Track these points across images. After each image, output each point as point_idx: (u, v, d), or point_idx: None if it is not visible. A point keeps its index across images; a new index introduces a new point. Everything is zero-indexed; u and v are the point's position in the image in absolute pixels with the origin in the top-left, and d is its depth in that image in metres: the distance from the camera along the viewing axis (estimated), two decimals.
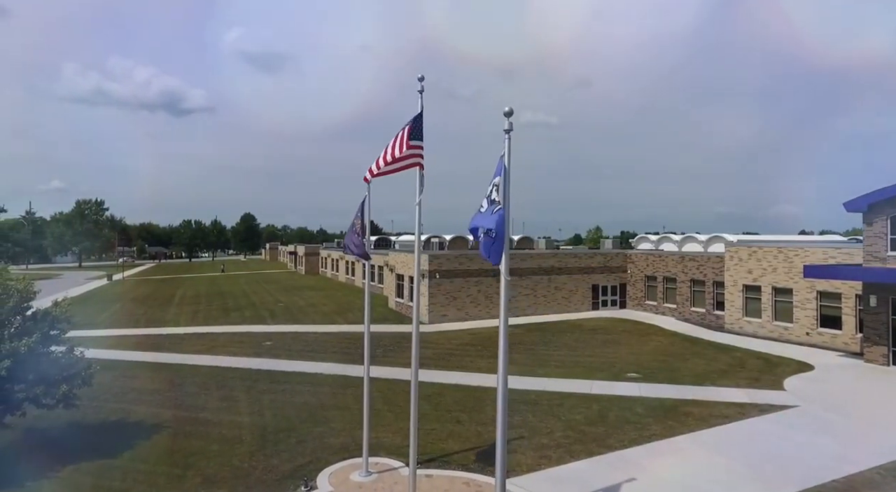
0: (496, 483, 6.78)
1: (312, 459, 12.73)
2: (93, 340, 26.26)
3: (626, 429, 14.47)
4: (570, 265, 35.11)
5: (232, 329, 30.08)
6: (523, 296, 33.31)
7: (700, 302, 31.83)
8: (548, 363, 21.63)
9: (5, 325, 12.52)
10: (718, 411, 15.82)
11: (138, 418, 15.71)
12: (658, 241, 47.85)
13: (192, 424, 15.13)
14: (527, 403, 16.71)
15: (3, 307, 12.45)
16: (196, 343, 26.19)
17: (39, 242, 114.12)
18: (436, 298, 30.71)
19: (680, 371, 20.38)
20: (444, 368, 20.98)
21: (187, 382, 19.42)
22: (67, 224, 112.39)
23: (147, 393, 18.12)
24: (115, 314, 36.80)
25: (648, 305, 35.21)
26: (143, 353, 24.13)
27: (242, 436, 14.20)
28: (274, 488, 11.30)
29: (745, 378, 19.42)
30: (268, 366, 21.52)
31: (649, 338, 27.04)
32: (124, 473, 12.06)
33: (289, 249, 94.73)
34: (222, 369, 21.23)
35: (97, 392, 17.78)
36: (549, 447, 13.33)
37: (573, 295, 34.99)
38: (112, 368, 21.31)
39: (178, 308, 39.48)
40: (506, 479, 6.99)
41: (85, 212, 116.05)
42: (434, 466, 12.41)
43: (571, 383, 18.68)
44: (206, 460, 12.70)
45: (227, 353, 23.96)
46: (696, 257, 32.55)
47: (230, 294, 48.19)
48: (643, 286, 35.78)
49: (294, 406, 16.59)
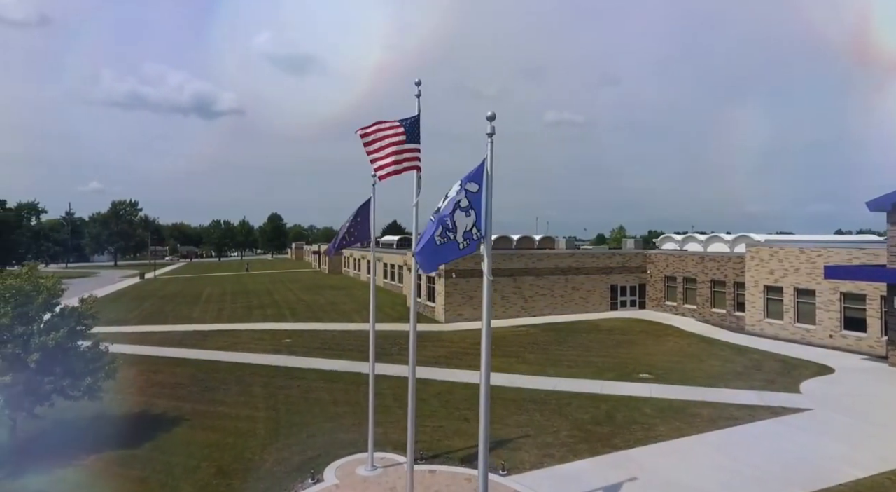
0: (479, 477, 7.00)
1: (321, 453, 13.15)
2: (122, 336, 27.42)
3: (633, 429, 14.49)
4: (587, 265, 34.93)
5: (254, 327, 30.92)
6: (540, 296, 33.31)
7: (720, 303, 31.31)
8: (560, 363, 21.68)
9: (34, 320, 13.29)
10: (728, 412, 15.67)
11: (160, 410, 16.41)
12: (683, 240, 47.10)
13: (209, 417, 15.76)
14: (535, 402, 16.85)
15: (33, 304, 13.22)
16: (219, 340, 27.04)
17: (78, 242, 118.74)
18: (452, 297, 30.99)
19: (693, 372, 20.18)
20: (456, 366, 21.24)
21: (208, 377, 20.14)
22: (104, 224, 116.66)
23: (169, 387, 18.87)
24: (144, 311, 38.16)
25: (668, 305, 34.78)
26: (167, 348, 25.05)
27: (256, 429, 14.74)
28: (283, 480, 11.74)
29: (760, 380, 19.14)
30: (285, 362, 22.13)
31: (665, 339, 26.77)
32: (144, 462, 12.68)
33: (313, 249, 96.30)
34: (242, 365, 21.92)
35: (123, 386, 18.64)
36: (553, 446, 13.46)
37: (591, 295, 34.80)
38: (138, 362, 22.26)
39: (204, 306, 40.70)
40: (487, 473, 7.18)
41: (120, 212, 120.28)
42: (438, 462, 12.70)
43: (581, 383, 18.72)
44: (220, 451, 13.24)
45: (248, 349, 24.69)
46: (716, 258, 32.02)
47: (254, 293, 49.39)
48: (663, 287, 35.36)
49: (307, 402, 17.08)
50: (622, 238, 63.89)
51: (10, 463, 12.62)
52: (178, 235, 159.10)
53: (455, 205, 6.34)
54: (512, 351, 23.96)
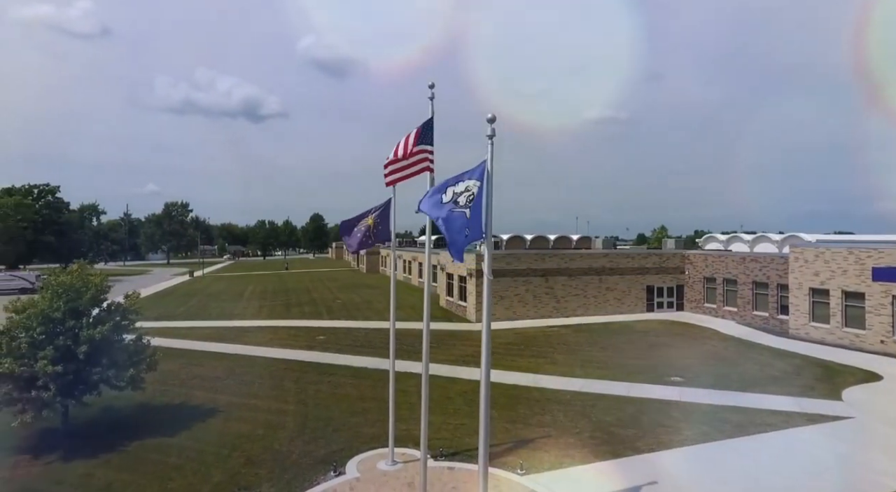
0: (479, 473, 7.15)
1: (345, 446, 13.56)
2: (170, 331, 28.92)
3: (658, 433, 14.25)
4: (622, 265, 34.28)
5: (291, 323, 31.93)
6: (573, 296, 32.95)
7: (763, 305, 30.14)
8: (588, 364, 21.46)
9: (83, 315, 14.27)
10: (760, 418, 15.18)
11: (198, 402, 17.26)
12: (727, 240, 45.55)
13: (242, 409, 16.47)
14: (560, 402, 16.79)
15: (82, 299, 14.19)
16: (257, 336, 28.08)
17: (134, 241, 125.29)
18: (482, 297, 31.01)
19: (727, 377, 19.58)
20: None
21: (244, 371, 21.00)
22: (157, 224, 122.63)
23: (208, 380, 19.79)
24: (191, 308, 39.97)
25: (707, 307, 33.72)
26: (209, 343, 26.20)
27: (286, 422, 15.32)
28: (307, 471, 12.20)
29: (799, 386, 18.39)
30: (318, 359, 22.80)
31: (702, 342, 26.02)
32: (179, 450, 13.42)
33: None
34: (277, 360, 22.73)
35: (166, 378, 19.71)
36: (574, 447, 13.42)
37: (626, 296, 34.14)
38: (181, 356, 23.43)
39: (246, 303, 42.27)
40: (487, 469, 7.32)
41: (172, 213, 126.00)
42: (458, 459, 12.87)
43: (609, 385, 18.49)
44: (250, 442, 13.86)
45: (284, 345, 25.56)
46: (758, 258, 30.83)
47: (294, 291, 50.89)
48: (702, 288, 34.30)
49: (336, 397, 17.59)
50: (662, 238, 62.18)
51: (62, 447, 13.62)
52: (226, 235, 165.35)
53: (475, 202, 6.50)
54: (541, 351, 23.87)
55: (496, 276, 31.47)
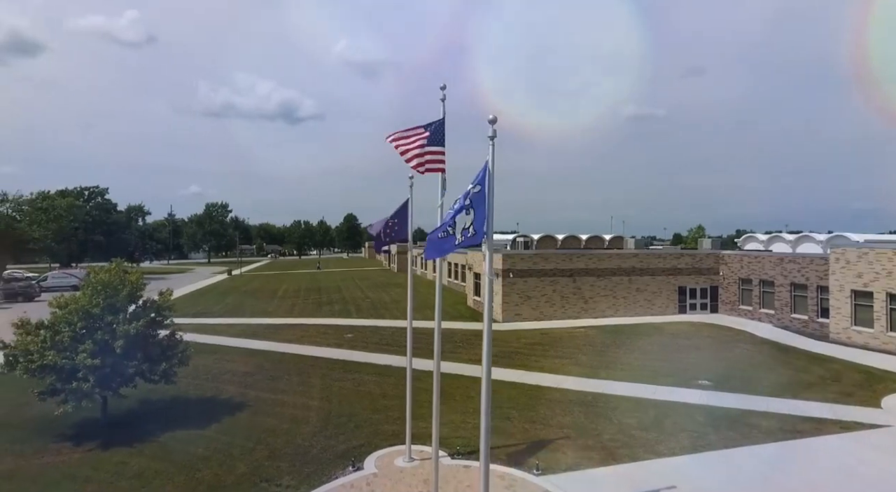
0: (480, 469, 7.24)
1: (365, 442, 13.85)
2: (206, 327, 30.01)
3: (680, 437, 13.99)
4: (653, 266, 33.57)
5: (320, 321, 32.64)
6: (601, 297, 32.48)
7: (802, 308, 29.00)
8: (614, 366, 21.17)
9: (120, 310, 15.02)
10: (790, 425, 14.69)
11: (228, 396, 17.91)
12: (768, 240, 44.05)
13: (270, 404, 17.00)
14: (581, 404, 16.67)
15: (119, 296, 14.95)
16: (288, 333, 28.83)
17: (178, 241, 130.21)
18: (509, 297, 30.99)
19: (759, 381, 18.99)
20: (507, 365, 21.33)
21: (273, 367, 21.63)
22: (199, 225, 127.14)
23: (239, 375, 20.48)
24: (227, 305, 41.31)
25: (743, 310, 32.66)
26: (242, 340, 27.06)
27: (309, 418, 15.74)
28: (327, 465, 12.53)
29: (836, 392, 17.68)
30: (344, 356, 23.27)
31: (735, 345, 25.27)
32: (208, 442, 13.98)
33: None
34: (305, 357, 23.31)
35: (199, 372, 20.53)
36: (592, 449, 13.32)
37: (656, 297, 33.42)
38: (215, 352, 24.31)
39: (279, 301, 43.39)
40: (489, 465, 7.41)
41: (212, 214, 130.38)
42: (475, 458, 12.91)
43: (633, 387, 18.22)
44: (275, 436, 14.31)
45: (313, 343, 26.17)
46: (796, 259, 29.68)
47: (325, 290, 51.91)
48: (737, 289, 33.24)
49: (359, 394, 17.94)
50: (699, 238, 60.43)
51: (101, 436, 14.39)
52: (263, 235, 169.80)
53: (462, 206, 6.62)
54: (565, 352, 23.68)
55: (522, 276, 31.36)
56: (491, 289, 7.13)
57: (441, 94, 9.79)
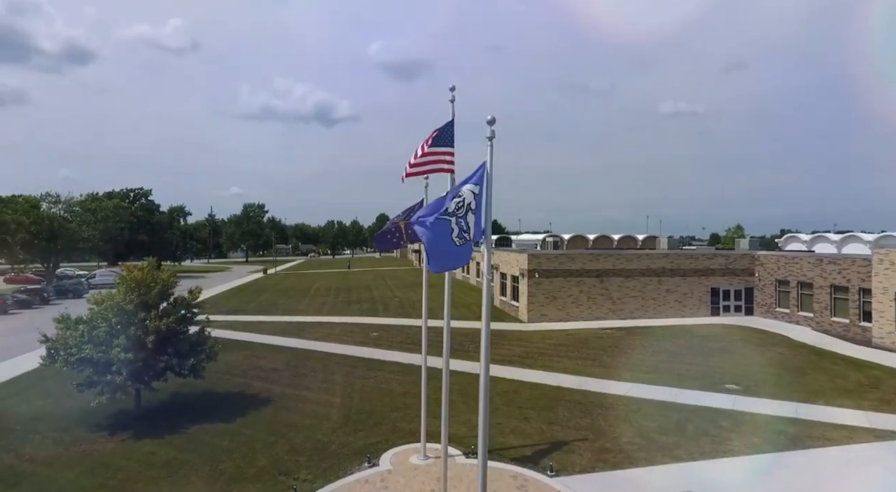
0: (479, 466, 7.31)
1: (382, 440, 14.08)
2: (239, 324, 31.00)
3: (702, 441, 13.67)
4: (684, 266, 32.74)
5: (348, 320, 33.21)
6: (630, 298, 31.89)
7: (842, 311, 27.77)
8: (638, 368, 20.80)
9: (152, 307, 15.72)
10: (820, 432, 14.15)
11: (254, 391, 18.47)
12: (811, 240, 42.31)
13: (293, 400, 17.46)
14: (601, 406, 16.47)
15: (150, 293, 15.65)
16: (316, 331, 29.46)
17: (217, 240, 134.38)
18: (535, 297, 30.80)
19: (791, 386, 18.33)
20: (529, 366, 21.26)
21: (300, 364, 22.17)
22: (237, 225, 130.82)
23: (266, 371, 21.08)
24: (261, 303, 42.48)
25: (779, 312, 31.49)
26: (272, 337, 27.81)
27: (330, 414, 16.10)
28: (344, 461, 12.81)
29: (874, 400, 16.90)
30: (368, 355, 23.63)
31: (768, 348, 24.42)
32: (232, 435, 14.49)
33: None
34: (331, 354, 23.80)
35: (230, 368, 21.25)
36: (609, 451, 13.18)
37: (687, 299, 32.58)
38: (246, 348, 25.08)
39: (310, 300, 44.32)
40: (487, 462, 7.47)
41: (250, 214, 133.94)
42: (489, 458, 12.95)
43: (656, 390, 17.88)
44: (296, 431, 14.71)
45: (339, 341, 26.67)
46: (837, 260, 28.43)
47: (355, 288, 52.70)
48: (773, 291, 32.08)
49: (380, 392, 18.22)
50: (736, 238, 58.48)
51: (134, 427, 15.10)
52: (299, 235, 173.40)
53: (467, 207, 6.65)
54: (590, 354, 23.40)
55: (548, 276, 31.11)
56: (489, 290, 7.19)
57: (451, 95, 9.88)
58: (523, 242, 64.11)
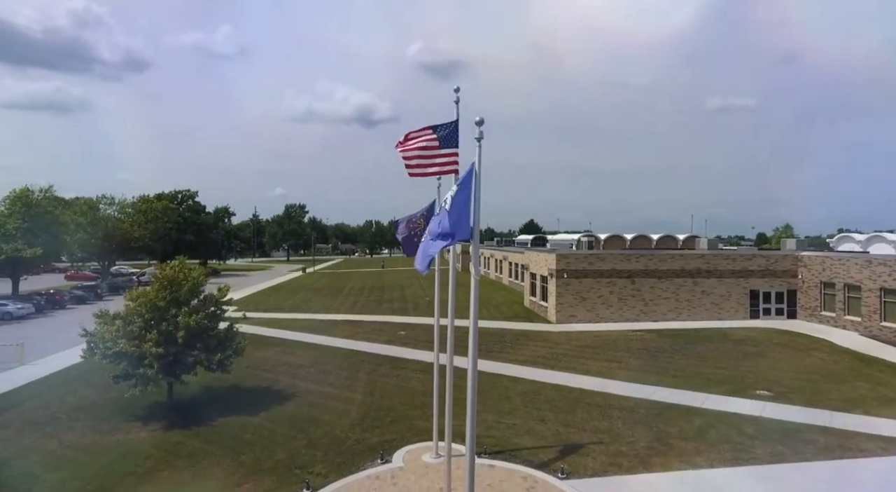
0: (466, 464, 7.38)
1: (398, 437, 14.29)
2: (274, 321, 31.99)
3: (723, 448, 13.25)
4: (720, 267, 31.59)
5: (378, 318, 33.71)
6: (663, 299, 31.04)
7: (893, 316, 26.18)
8: (665, 372, 20.28)
9: (183, 304, 16.47)
10: (853, 443, 13.45)
11: (280, 387, 19.06)
12: (866, 241, 40.00)
13: (316, 396, 17.93)
14: (622, 409, 16.18)
15: (181, 290, 16.40)
16: (346, 329, 30.07)
17: (260, 240, 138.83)
18: (564, 298, 30.41)
19: (828, 393, 17.47)
20: (552, 367, 21.06)
21: (326, 361, 22.71)
22: (279, 225, 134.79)
23: (294, 367, 21.70)
24: (296, 301, 43.65)
25: (824, 316, 29.97)
26: (303, 334, 28.54)
27: (350, 410, 16.45)
28: (358, 456, 13.09)
29: None
30: (393, 353, 23.96)
31: (808, 354, 23.31)
32: (255, 429, 15.02)
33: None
34: (357, 352, 24.26)
35: (260, 364, 22.00)
36: (624, 455, 12.95)
37: (724, 301, 31.43)
38: (278, 345, 25.89)
39: (343, 298, 45.22)
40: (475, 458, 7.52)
41: (291, 214, 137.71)
42: (501, 458, 13.01)
43: (681, 395, 17.40)
44: (315, 426, 15.11)
45: (366, 339, 27.13)
46: (887, 262, 26.82)
47: (388, 287, 53.39)
48: (818, 294, 30.53)
49: (401, 390, 18.47)
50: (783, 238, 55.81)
51: (166, 418, 15.88)
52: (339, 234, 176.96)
53: (442, 208, 6.78)
54: (616, 356, 22.96)
55: (577, 277, 30.67)
56: (477, 289, 7.25)
57: (455, 96, 9.94)
58: (559, 241, 63.30)
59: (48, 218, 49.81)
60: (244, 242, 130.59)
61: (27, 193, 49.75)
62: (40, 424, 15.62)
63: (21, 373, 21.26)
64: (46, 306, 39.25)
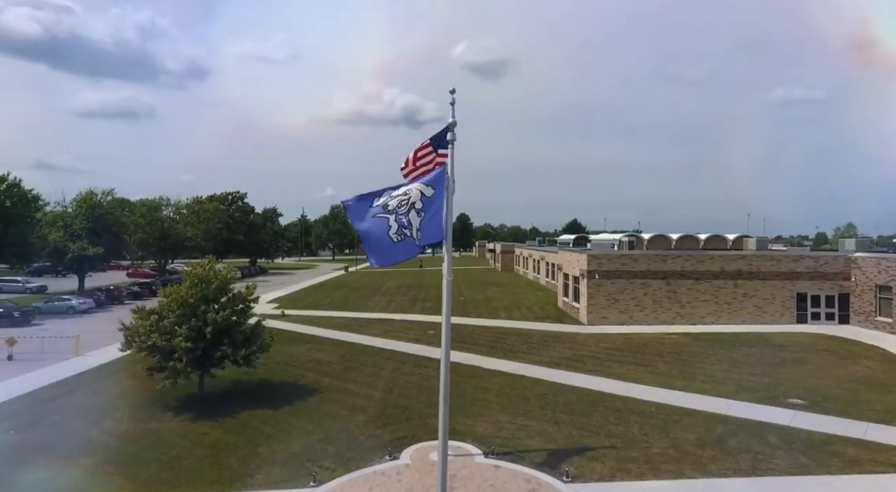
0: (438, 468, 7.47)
1: (409, 435, 14.52)
2: (309, 319, 32.99)
3: (740, 458, 12.73)
4: (763, 269, 30.08)
5: (409, 317, 34.13)
6: (701, 302, 29.87)
7: None
8: (694, 377, 19.59)
9: (212, 301, 17.31)
10: (885, 456, 12.63)
11: (306, 382, 19.68)
12: None
13: (338, 392, 18.42)
14: (641, 414, 15.79)
15: (209, 288, 17.24)
16: (377, 327, 30.62)
17: (307, 240, 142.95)
18: (595, 299, 29.79)
19: (868, 404, 16.42)
20: (575, 369, 20.74)
21: (353, 358, 23.24)
22: (324, 225, 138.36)
23: (321, 364, 22.35)
24: (334, 299, 44.74)
25: (879, 322, 28.02)
26: (335, 331, 29.29)
27: (368, 407, 16.82)
28: (368, 453, 13.40)
29: None
30: (419, 352, 24.23)
31: (854, 361, 21.91)
32: (276, 422, 15.63)
33: (489, 247, 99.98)
34: (384, 350, 24.69)
35: (290, 359, 22.79)
36: (635, 461, 12.68)
37: (768, 304, 29.90)
38: (309, 341, 26.69)
39: (379, 297, 45.97)
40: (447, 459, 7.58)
41: (336, 214, 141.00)
42: (508, 459, 13.00)
43: (706, 400, 16.78)
44: (333, 421, 15.56)
45: (395, 337, 27.55)
46: None
47: (424, 287, 53.83)
48: (873, 298, 28.59)
49: (420, 388, 18.69)
50: (843, 238, 52.29)
51: (195, 410, 16.74)
52: None
53: (410, 205, 6.88)
54: (644, 359, 22.34)
55: (610, 277, 29.99)
56: (449, 289, 7.33)
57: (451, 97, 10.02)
58: (600, 241, 61.84)
59: (110, 219, 53.32)
60: (291, 241, 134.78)
61: (91, 195, 53.41)
62: (87, 410, 16.84)
63: (75, 363, 22.91)
64: (106, 301, 42.01)
